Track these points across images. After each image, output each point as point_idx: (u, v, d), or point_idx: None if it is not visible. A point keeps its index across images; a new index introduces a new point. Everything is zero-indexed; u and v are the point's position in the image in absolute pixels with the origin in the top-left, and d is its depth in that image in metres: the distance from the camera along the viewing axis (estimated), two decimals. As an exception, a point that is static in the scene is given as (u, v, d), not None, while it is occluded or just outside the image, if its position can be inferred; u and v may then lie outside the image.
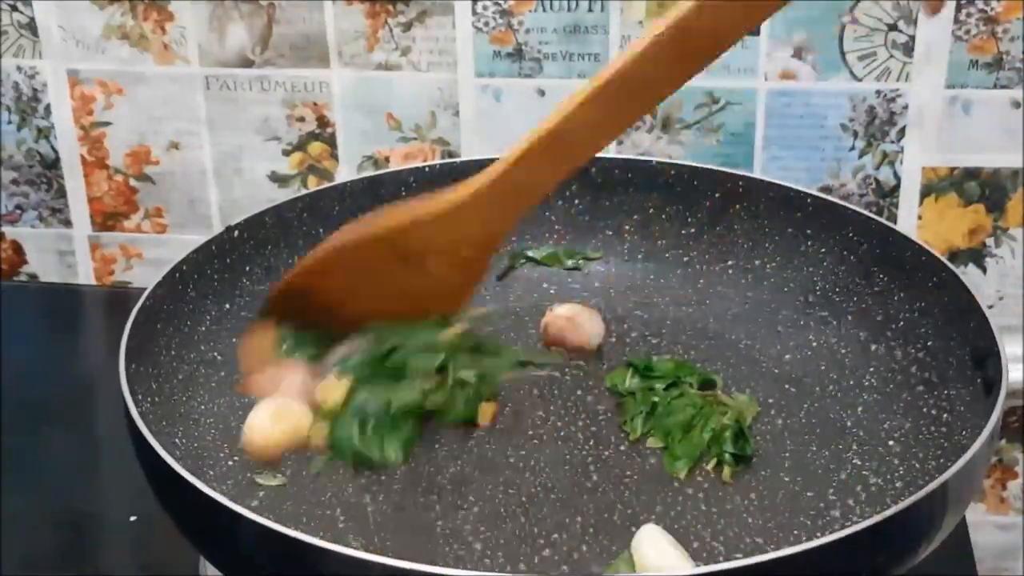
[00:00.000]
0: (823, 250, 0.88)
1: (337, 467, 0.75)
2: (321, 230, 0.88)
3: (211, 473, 0.73)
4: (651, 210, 0.93)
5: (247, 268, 0.85)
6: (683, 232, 0.92)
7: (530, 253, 0.93)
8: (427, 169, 0.92)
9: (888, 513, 0.62)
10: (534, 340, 0.86)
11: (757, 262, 0.90)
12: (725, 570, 0.58)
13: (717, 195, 0.91)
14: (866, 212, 0.87)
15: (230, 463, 0.75)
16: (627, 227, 0.93)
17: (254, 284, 0.85)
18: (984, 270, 1.04)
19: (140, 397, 0.69)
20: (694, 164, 0.93)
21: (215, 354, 0.82)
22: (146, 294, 0.77)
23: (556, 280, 0.93)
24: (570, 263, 0.93)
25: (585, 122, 0.70)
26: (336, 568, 0.59)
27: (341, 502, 0.73)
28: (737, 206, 0.91)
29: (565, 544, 0.69)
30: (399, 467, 0.75)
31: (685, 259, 0.92)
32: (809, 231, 0.88)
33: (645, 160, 0.93)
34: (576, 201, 0.93)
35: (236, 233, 0.85)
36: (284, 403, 0.75)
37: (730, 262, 0.91)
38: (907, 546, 0.65)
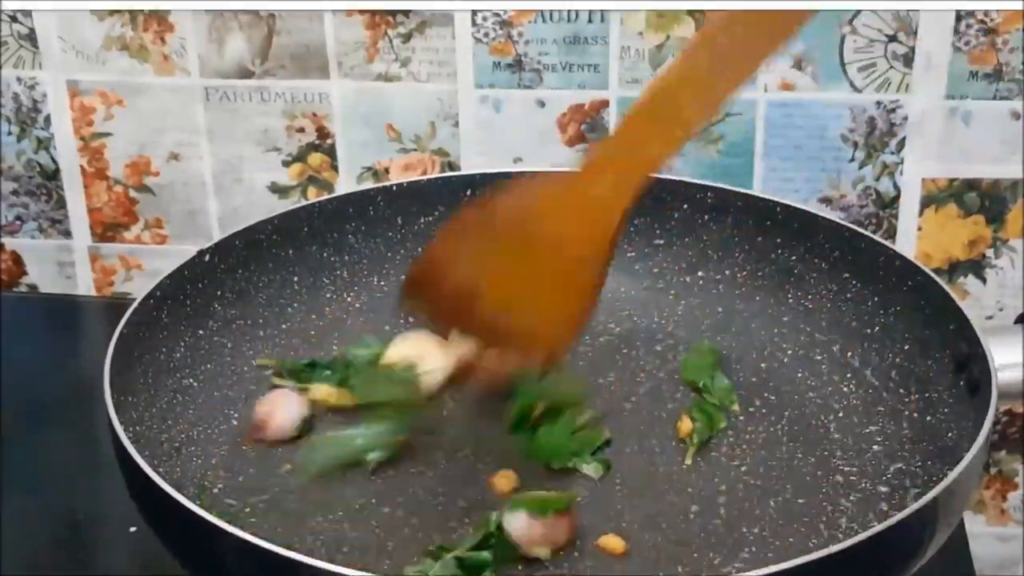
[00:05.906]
0: (794, 258, 0.87)
1: (316, 493, 0.75)
2: (291, 251, 0.88)
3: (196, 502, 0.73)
4: None
5: (218, 292, 0.85)
6: (652, 244, 0.92)
7: None
8: (394, 188, 0.91)
9: (887, 524, 0.62)
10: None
11: (728, 272, 0.90)
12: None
13: (686, 207, 0.91)
14: (835, 219, 0.87)
15: (214, 491, 0.75)
16: None
17: (225, 309, 0.85)
18: (984, 281, 1.04)
19: (124, 428, 0.69)
20: (661, 176, 0.92)
21: (190, 381, 0.81)
22: (122, 323, 0.76)
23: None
24: None
25: (688, 77, 0.69)
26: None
27: (324, 527, 0.73)
28: (706, 216, 0.90)
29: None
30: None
31: (655, 271, 0.92)
32: (779, 240, 0.88)
33: None
34: None
35: (207, 257, 0.84)
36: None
37: (700, 273, 0.91)
38: (903, 557, 0.65)
